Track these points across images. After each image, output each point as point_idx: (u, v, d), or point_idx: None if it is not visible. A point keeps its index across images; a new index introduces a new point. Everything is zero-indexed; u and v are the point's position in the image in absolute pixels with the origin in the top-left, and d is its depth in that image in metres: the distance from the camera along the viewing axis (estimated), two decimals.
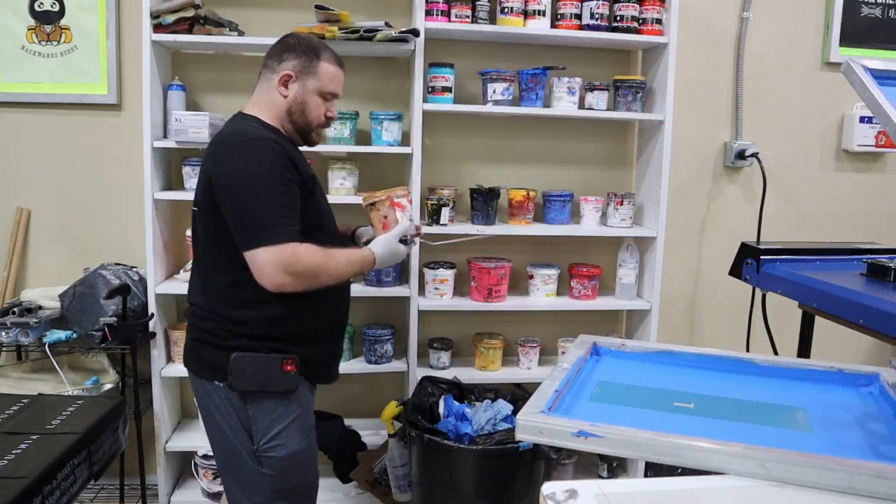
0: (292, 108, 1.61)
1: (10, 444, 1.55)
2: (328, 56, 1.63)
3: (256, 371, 1.54)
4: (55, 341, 2.32)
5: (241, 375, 1.53)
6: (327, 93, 1.63)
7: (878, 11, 2.83)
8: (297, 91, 1.60)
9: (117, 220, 2.59)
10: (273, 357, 1.54)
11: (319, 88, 1.61)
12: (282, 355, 1.55)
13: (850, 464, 0.82)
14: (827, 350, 2.77)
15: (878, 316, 1.40)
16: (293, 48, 1.61)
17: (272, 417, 1.57)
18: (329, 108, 1.65)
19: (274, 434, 1.57)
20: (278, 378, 1.55)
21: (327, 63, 1.62)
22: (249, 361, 1.54)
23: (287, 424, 1.59)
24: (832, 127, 2.90)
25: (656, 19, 2.46)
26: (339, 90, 1.66)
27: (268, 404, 1.56)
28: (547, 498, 0.78)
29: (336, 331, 1.73)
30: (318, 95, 1.62)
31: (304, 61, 1.60)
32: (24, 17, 2.47)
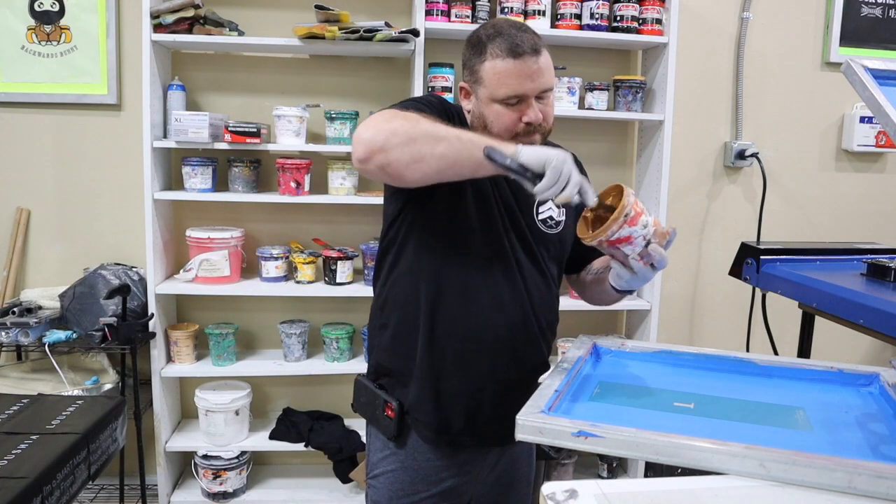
0: (474, 122, 1.27)
1: (9, 444, 1.55)
2: (495, 48, 1.20)
3: (366, 403, 1.35)
4: (55, 341, 2.32)
5: (357, 401, 1.39)
6: (503, 99, 1.20)
7: (878, 11, 2.83)
8: (474, 104, 1.26)
9: (117, 220, 2.59)
10: (377, 394, 1.32)
11: (491, 96, 1.21)
12: (385, 395, 1.31)
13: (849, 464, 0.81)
14: (827, 350, 2.77)
15: (878, 316, 1.40)
16: (464, 51, 1.27)
17: (379, 457, 1.35)
18: (524, 111, 1.21)
19: (375, 474, 1.36)
20: (380, 419, 1.32)
21: (492, 60, 1.20)
22: (363, 390, 1.37)
23: (387, 472, 1.33)
24: (832, 127, 2.90)
25: (656, 19, 2.46)
26: (520, 88, 1.19)
27: (379, 439, 1.34)
28: (547, 498, 0.78)
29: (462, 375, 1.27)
30: (495, 104, 1.21)
31: (470, 66, 1.25)
32: (24, 17, 2.47)
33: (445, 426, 1.28)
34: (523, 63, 1.18)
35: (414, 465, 1.30)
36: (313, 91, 2.58)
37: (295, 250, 2.50)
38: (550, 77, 1.22)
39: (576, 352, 1.24)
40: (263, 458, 2.73)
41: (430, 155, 1.06)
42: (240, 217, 2.60)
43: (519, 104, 1.20)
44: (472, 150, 1.06)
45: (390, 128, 1.08)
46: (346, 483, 2.54)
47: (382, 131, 1.08)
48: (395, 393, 1.30)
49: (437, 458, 1.30)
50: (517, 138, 1.21)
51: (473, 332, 1.27)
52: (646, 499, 0.80)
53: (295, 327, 2.51)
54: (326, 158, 2.49)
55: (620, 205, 1.07)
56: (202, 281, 2.42)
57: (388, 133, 1.07)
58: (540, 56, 1.20)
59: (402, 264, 1.29)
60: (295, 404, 2.71)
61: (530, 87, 1.20)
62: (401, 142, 1.06)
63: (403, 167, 1.08)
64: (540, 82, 1.20)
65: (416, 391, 1.28)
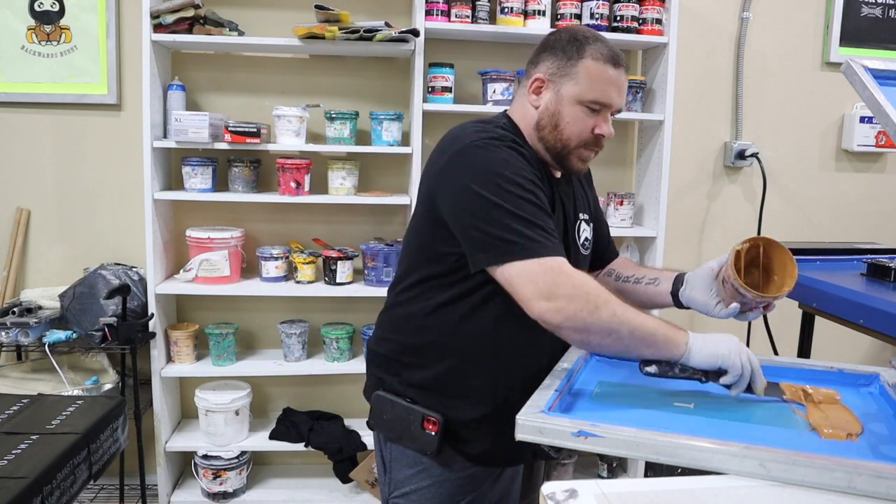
0: (542, 120, 1.25)
1: (9, 444, 1.55)
2: (596, 51, 1.21)
3: (393, 420, 1.28)
4: (55, 341, 2.32)
5: (379, 419, 1.31)
6: (590, 101, 1.21)
7: (878, 11, 2.83)
8: (550, 100, 1.24)
9: (117, 220, 2.59)
10: (413, 410, 1.25)
11: (579, 95, 1.21)
12: (423, 410, 1.25)
13: (849, 464, 0.81)
14: (827, 350, 2.77)
15: (878, 316, 1.40)
16: (553, 45, 1.25)
17: (408, 473, 1.29)
18: (599, 122, 1.23)
19: (404, 492, 1.30)
20: (416, 435, 1.25)
21: (592, 61, 1.20)
22: (388, 405, 1.29)
23: (422, 488, 1.28)
24: (832, 127, 2.90)
25: (656, 19, 2.46)
26: (610, 97, 1.22)
27: (407, 455, 1.29)
28: (547, 498, 0.78)
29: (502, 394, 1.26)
30: (579, 105, 1.22)
31: (562, 60, 1.23)
32: (24, 17, 2.47)
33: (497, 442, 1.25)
34: (619, 74, 1.22)
35: (451, 476, 1.27)
36: (313, 91, 2.58)
37: (295, 250, 2.50)
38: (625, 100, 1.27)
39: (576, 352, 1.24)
40: (263, 458, 2.73)
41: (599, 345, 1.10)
42: (240, 217, 2.60)
43: (598, 113, 1.23)
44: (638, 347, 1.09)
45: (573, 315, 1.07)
46: (346, 483, 2.54)
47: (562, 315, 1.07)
48: (437, 407, 1.25)
49: (473, 466, 1.28)
50: (582, 149, 1.25)
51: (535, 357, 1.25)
52: (646, 499, 0.80)
53: (295, 327, 2.51)
54: (326, 158, 2.49)
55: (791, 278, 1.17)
56: (202, 281, 2.42)
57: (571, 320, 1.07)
58: (625, 74, 1.25)
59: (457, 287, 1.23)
60: (295, 404, 2.71)
61: (617, 99, 1.23)
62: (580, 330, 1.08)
63: (580, 346, 1.14)
64: (622, 100, 1.25)
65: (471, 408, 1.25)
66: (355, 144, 2.45)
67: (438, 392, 1.26)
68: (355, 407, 2.74)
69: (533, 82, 1.26)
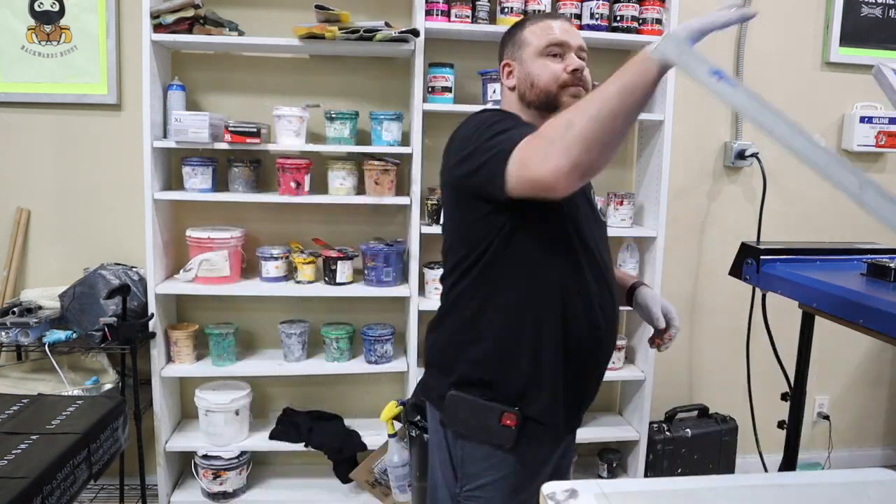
0: (521, 88, 1.37)
1: (10, 444, 1.55)
2: (535, 18, 1.40)
3: (469, 417, 1.32)
4: (55, 341, 2.32)
5: (455, 417, 1.34)
6: (546, 47, 1.33)
7: (878, 11, 2.83)
8: (519, 71, 1.37)
9: (117, 220, 2.59)
10: (492, 406, 1.30)
11: (535, 50, 1.34)
12: (501, 406, 1.29)
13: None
14: (827, 350, 2.78)
15: (878, 316, 1.40)
16: (504, 37, 1.43)
17: (482, 467, 1.33)
18: (567, 62, 1.33)
19: (479, 485, 1.34)
20: (495, 430, 1.30)
21: (533, 24, 1.38)
22: (464, 406, 1.32)
23: (496, 479, 1.33)
24: (832, 127, 2.90)
25: (656, 19, 2.46)
26: (560, 37, 1.33)
27: (481, 449, 1.33)
28: (547, 497, 0.78)
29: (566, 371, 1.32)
30: (540, 58, 1.34)
31: (513, 39, 1.40)
32: (24, 17, 2.47)
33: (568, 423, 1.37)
34: (561, 22, 1.36)
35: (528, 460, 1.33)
36: (313, 91, 2.58)
37: (295, 250, 2.50)
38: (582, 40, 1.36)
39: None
40: (263, 458, 2.73)
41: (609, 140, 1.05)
42: (240, 217, 2.60)
43: (562, 57, 1.33)
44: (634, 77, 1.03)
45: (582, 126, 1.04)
46: (346, 483, 2.54)
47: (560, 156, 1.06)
48: (511, 401, 1.29)
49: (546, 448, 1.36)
50: (565, 90, 1.32)
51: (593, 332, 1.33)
52: (646, 498, 0.80)
53: (295, 327, 2.51)
54: (326, 158, 2.49)
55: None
56: (202, 281, 2.42)
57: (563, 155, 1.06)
58: (571, 23, 1.39)
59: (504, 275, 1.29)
60: (295, 404, 2.71)
61: (570, 38, 1.34)
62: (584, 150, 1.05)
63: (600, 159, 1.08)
64: (575, 37, 1.35)
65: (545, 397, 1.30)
66: (355, 144, 2.45)
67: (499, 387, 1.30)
68: (355, 407, 2.74)
69: (503, 70, 1.41)
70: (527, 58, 1.35)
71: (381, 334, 2.52)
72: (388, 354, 2.54)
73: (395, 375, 2.66)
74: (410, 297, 2.48)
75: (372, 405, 2.69)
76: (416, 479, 2.18)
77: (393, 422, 2.36)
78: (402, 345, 2.66)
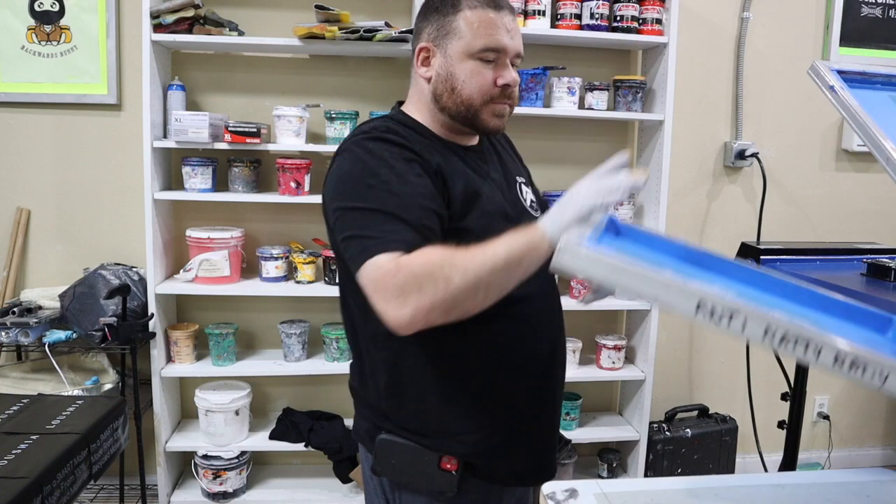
0: (437, 88, 1.15)
1: (10, 444, 1.55)
2: (470, 2, 1.12)
3: (404, 463, 1.14)
4: (55, 341, 2.32)
5: (387, 463, 1.15)
6: (480, 51, 1.10)
7: (878, 11, 2.83)
8: (440, 65, 1.14)
9: (117, 220, 2.59)
10: (428, 452, 1.12)
11: (466, 49, 1.11)
12: (437, 452, 1.12)
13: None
14: None
15: None
16: (427, 9, 1.16)
17: None
18: (499, 71, 1.12)
19: None
20: (433, 476, 1.12)
21: (470, 10, 1.11)
22: (395, 449, 1.14)
23: None
24: (832, 127, 2.90)
25: (656, 19, 2.46)
26: (500, 41, 1.10)
27: (419, 499, 1.16)
28: (547, 497, 0.78)
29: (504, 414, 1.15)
30: (470, 59, 1.11)
31: (440, 21, 1.13)
32: (24, 17, 2.47)
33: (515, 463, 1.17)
34: (503, 17, 1.12)
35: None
36: (313, 91, 2.58)
37: (295, 250, 2.50)
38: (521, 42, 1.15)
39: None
40: (263, 458, 2.73)
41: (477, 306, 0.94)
42: (240, 217, 2.60)
43: (495, 64, 1.12)
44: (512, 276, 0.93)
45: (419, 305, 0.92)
46: (346, 483, 2.54)
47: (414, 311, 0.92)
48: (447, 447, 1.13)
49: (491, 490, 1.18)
50: (491, 104, 1.13)
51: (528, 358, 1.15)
52: (646, 498, 0.80)
53: (295, 327, 2.51)
54: (326, 158, 2.49)
55: None
56: (202, 281, 2.42)
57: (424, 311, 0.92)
58: (515, 17, 1.15)
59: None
60: (295, 404, 2.71)
61: (509, 42, 1.12)
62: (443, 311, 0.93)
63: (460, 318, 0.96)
64: (517, 41, 1.14)
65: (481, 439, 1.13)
66: None
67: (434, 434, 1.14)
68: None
69: (418, 55, 1.16)
70: (454, 53, 1.12)
71: None
72: None
73: None
74: None
75: None
76: None
77: None
78: None
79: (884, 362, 0.73)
